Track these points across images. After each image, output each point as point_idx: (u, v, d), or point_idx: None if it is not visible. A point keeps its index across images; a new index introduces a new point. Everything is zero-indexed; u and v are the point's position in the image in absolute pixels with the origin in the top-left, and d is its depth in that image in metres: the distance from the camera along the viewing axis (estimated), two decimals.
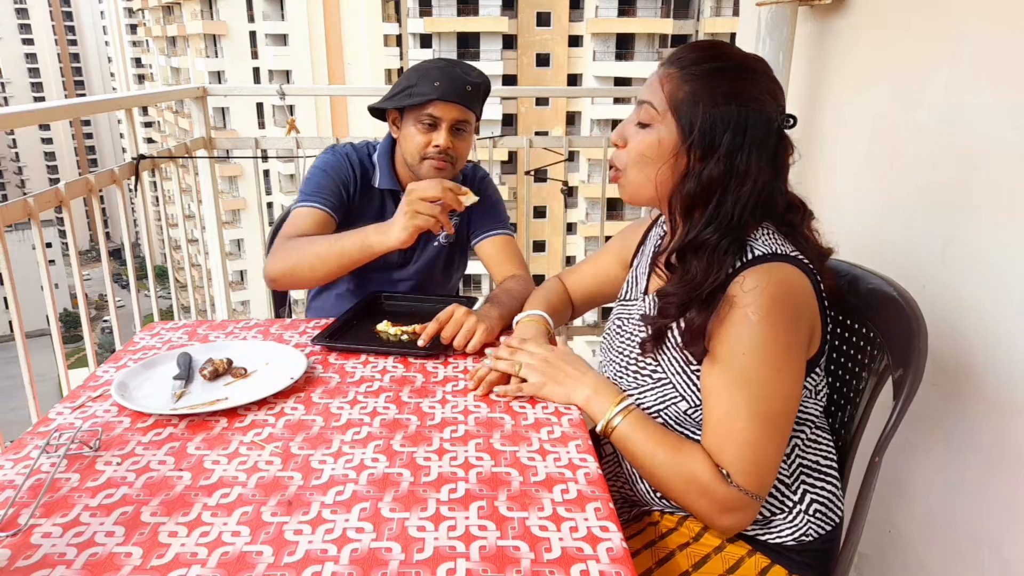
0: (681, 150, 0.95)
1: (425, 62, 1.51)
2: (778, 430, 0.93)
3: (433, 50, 27.32)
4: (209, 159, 2.55)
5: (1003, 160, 1.19)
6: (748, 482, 0.91)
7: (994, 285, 1.21)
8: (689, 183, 0.95)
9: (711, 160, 0.93)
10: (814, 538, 1.01)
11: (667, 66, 0.98)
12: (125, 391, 1.06)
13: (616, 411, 1.00)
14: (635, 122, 1.00)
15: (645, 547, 1.02)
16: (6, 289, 1.51)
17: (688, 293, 0.94)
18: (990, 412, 1.23)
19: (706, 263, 0.93)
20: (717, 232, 0.93)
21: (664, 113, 0.96)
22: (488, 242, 1.64)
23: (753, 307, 0.89)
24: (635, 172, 1.00)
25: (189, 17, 32.95)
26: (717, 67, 0.95)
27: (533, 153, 2.64)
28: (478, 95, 1.50)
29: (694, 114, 0.93)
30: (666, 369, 1.01)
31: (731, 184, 0.93)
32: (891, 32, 1.50)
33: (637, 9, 27.10)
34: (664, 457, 0.95)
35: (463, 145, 1.52)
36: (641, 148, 0.99)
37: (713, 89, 0.93)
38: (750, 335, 0.90)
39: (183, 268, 5.43)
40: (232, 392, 1.08)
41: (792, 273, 0.93)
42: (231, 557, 0.73)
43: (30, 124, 1.69)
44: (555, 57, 28.04)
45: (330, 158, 1.57)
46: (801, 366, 0.94)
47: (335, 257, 1.36)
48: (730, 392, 0.91)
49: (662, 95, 0.96)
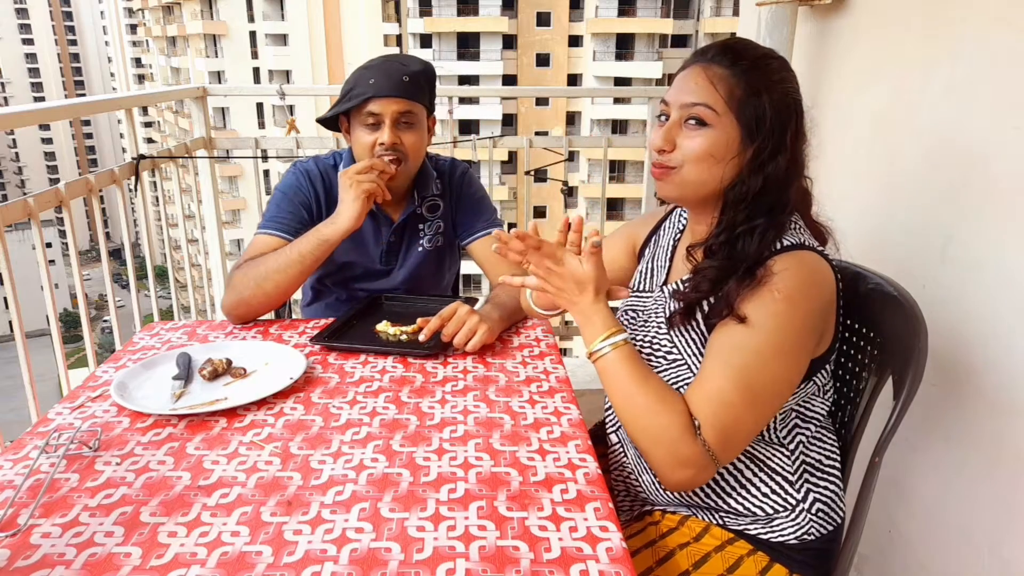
0: (746, 147, 0.94)
1: (364, 63, 1.47)
2: (761, 405, 0.92)
3: (433, 50, 27.35)
4: (209, 159, 2.55)
5: (1003, 160, 1.19)
6: (714, 439, 0.89)
7: (994, 285, 1.21)
8: (754, 179, 0.94)
9: (780, 153, 0.94)
10: (816, 537, 1.01)
11: (709, 65, 0.96)
12: (124, 391, 1.06)
13: (606, 340, 0.96)
14: (680, 124, 0.97)
15: (645, 546, 1.02)
16: (6, 289, 1.51)
17: (728, 268, 0.94)
18: (990, 412, 1.23)
19: (756, 242, 0.94)
20: (772, 219, 0.94)
21: (724, 112, 0.94)
22: (480, 243, 1.61)
23: (779, 286, 0.90)
24: (696, 171, 0.97)
25: (189, 17, 32.96)
26: (760, 60, 0.96)
27: (533, 153, 2.64)
28: (419, 84, 1.44)
29: (758, 108, 0.93)
30: (682, 349, 1.01)
31: (793, 175, 0.95)
32: (891, 32, 1.50)
33: (637, 9, 27.10)
34: (644, 399, 0.92)
35: (412, 138, 1.45)
36: (696, 149, 0.95)
37: (769, 81, 0.94)
38: (768, 311, 0.90)
39: (183, 268, 5.43)
40: (231, 392, 1.08)
41: (820, 264, 0.94)
42: (231, 557, 0.73)
43: (30, 124, 1.69)
44: (555, 57, 28.04)
45: (290, 179, 1.53)
46: (805, 356, 0.94)
47: (296, 262, 1.33)
48: (729, 355, 0.91)
49: (717, 94, 0.94)
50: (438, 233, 1.61)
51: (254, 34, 31.39)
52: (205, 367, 1.13)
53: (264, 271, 1.34)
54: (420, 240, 1.60)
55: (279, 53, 30.59)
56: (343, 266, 1.56)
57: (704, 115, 0.95)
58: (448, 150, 2.40)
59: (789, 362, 0.92)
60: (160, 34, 38.55)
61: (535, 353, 1.26)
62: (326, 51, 29.82)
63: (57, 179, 11.19)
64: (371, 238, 1.57)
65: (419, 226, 1.59)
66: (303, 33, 30.07)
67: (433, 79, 1.50)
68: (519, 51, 28.01)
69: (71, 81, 62.94)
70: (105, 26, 57.44)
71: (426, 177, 1.57)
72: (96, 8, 59.99)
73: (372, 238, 1.57)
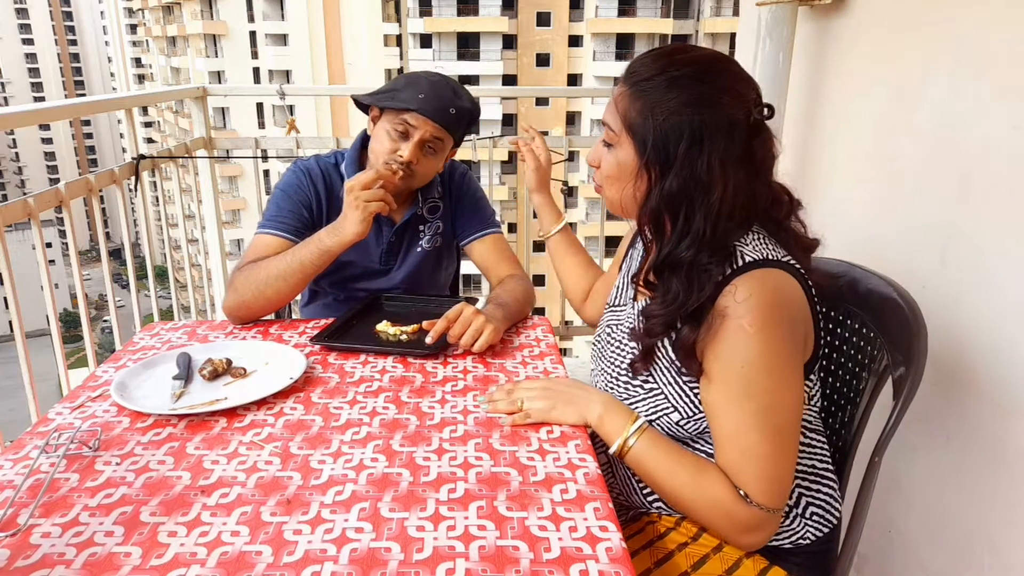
0: (641, 168, 0.94)
1: (424, 71, 1.48)
2: (789, 440, 0.91)
3: (433, 50, 27.34)
4: (209, 159, 2.55)
5: (1003, 160, 1.19)
6: (768, 500, 0.89)
7: (994, 285, 1.21)
8: (652, 200, 0.93)
9: (669, 173, 0.91)
10: (812, 541, 1.01)
11: (622, 84, 0.96)
12: (124, 391, 1.06)
13: (632, 431, 0.96)
14: (602, 141, 1.00)
15: (644, 547, 1.02)
16: (6, 289, 1.51)
17: (673, 312, 0.92)
18: (990, 412, 1.23)
19: (686, 280, 0.91)
20: (693, 247, 0.91)
21: (620, 133, 0.95)
22: (478, 244, 1.61)
23: (748, 318, 0.87)
24: (610, 190, 1.00)
25: (189, 17, 32.96)
26: (669, 77, 0.91)
27: None
28: (461, 120, 1.45)
29: (645, 130, 0.92)
30: (658, 380, 1.00)
31: (696, 196, 0.90)
32: (891, 32, 1.50)
33: (637, 9, 27.09)
34: (684, 479, 0.93)
35: (429, 164, 1.46)
36: (607, 169, 0.99)
37: (663, 102, 0.90)
38: (748, 347, 0.87)
39: (183, 268, 5.43)
40: (231, 392, 1.08)
41: (783, 279, 0.91)
42: (230, 557, 0.73)
43: (30, 124, 1.69)
44: (555, 57, 28.04)
45: (290, 178, 1.53)
46: (800, 372, 0.93)
47: (296, 270, 1.33)
48: (737, 407, 0.89)
49: (617, 115, 0.95)
50: (437, 234, 1.61)
51: (254, 34, 31.39)
52: (205, 367, 1.13)
53: (265, 277, 1.34)
54: (420, 241, 1.60)
55: (279, 53, 30.59)
56: (342, 266, 1.56)
57: (608, 136, 0.97)
58: None
59: (791, 386, 0.91)
60: (160, 34, 38.55)
61: (535, 353, 1.26)
62: (326, 51, 29.81)
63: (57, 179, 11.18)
64: (372, 238, 1.57)
65: (420, 227, 1.59)
66: (303, 33, 30.06)
67: (476, 120, 1.51)
68: (519, 51, 28.01)
69: (71, 81, 62.93)
70: (105, 26, 57.42)
71: (431, 181, 1.58)
72: (96, 8, 59.98)
73: (373, 238, 1.57)
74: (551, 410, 1.01)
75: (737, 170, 0.90)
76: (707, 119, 0.89)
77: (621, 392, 1.05)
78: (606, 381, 1.09)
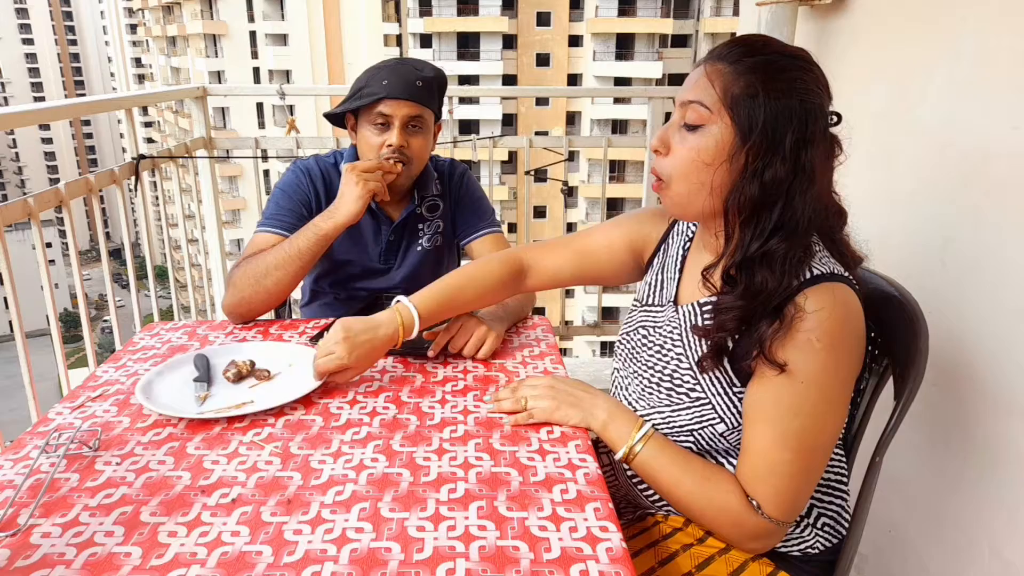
0: (739, 151, 0.87)
1: (377, 63, 1.48)
2: (820, 462, 0.90)
3: (433, 50, 27.33)
4: (209, 159, 2.55)
5: (1003, 160, 1.19)
6: (780, 514, 0.89)
7: (994, 285, 1.21)
8: (751, 186, 0.86)
9: (776, 159, 0.85)
10: (820, 550, 1.01)
11: (714, 62, 0.89)
12: (150, 394, 1.04)
13: (638, 437, 0.95)
14: (679, 124, 0.91)
15: (648, 547, 1.01)
16: (6, 289, 1.51)
17: (756, 306, 0.87)
18: (990, 412, 1.23)
19: (778, 272, 0.86)
20: (787, 239, 0.86)
21: (719, 111, 0.87)
22: (478, 244, 1.61)
23: (818, 332, 0.83)
24: (684, 182, 0.91)
25: (189, 17, 32.95)
26: (770, 59, 0.87)
27: (533, 153, 2.64)
28: (431, 90, 1.45)
29: (754, 109, 0.85)
30: (706, 389, 0.95)
31: (798, 185, 0.86)
32: (891, 32, 1.50)
33: (637, 9, 27.09)
34: (692, 486, 0.92)
35: (419, 143, 1.46)
36: (693, 153, 0.89)
37: (772, 81, 0.85)
38: (813, 363, 0.84)
39: (183, 268, 5.43)
40: (257, 395, 1.07)
41: (850, 295, 0.87)
42: (231, 557, 0.73)
43: (30, 124, 1.69)
44: (555, 57, 28.03)
45: (290, 177, 1.54)
46: (850, 395, 0.91)
47: (295, 258, 1.33)
48: (783, 420, 0.87)
49: (714, 92, 0.87)
50: (437, 233, 1.61)
51: (254, 34, 31.39)
52: (229, 369, 1.11)
53: (264, 268, 1.34)
54: (419, 240, 1.60)
55: (279, 53, 30.58)
56: (342, 264, 1.56)
57: (698, 113, 0.89)
58: (448, 150, 2.40)
59: (840, 410, 0.89)
60: (160, 34, 38.53)
61: (535, 353, 1.26)
62: (326, 51, 29.81)
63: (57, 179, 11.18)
64: (370, 237, 1.57)
65: (419, 226, 1.60)
66: (303, 33, 30.05)
67: (444, 86, 1.51)
68: (519, 51, 28.00)
69: (71, 81, 62.92)
70: (105, 26, 57.41)
71: (427, 178, 1.57)
72: (96, 8, 59.97)
73: (371, 237, 1.57)
74: (555, 411, 1.00)
75: (825, 168, 0.89)
76: (812, 107, 0.87)
77: (662, 398, 1.00)
78: (642, 385, 1.04)
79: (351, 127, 1.51)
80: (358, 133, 1.48)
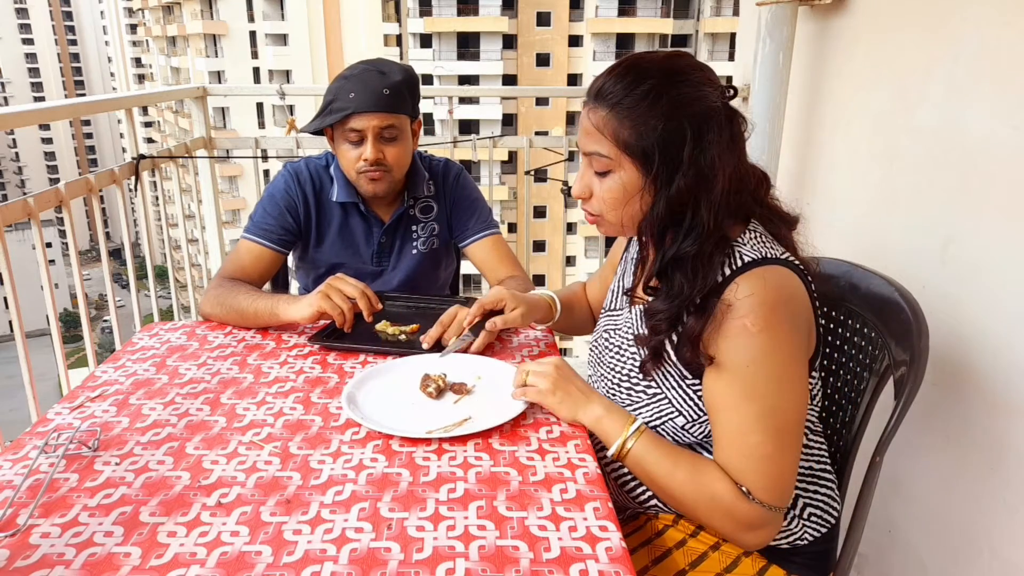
0: (647, 181, 0.92)
1: (345, 71, 1.45)
2: (792, 440, 0.91)
3: (433, 50, 27.35)
4: (209, 159, 2.55)
5: (1003, 160, 1.19)
6: (771, 497, 0.89)
7: (994, 285, 1.21)
8: (658, 208, 0.92)
9: (678, 175, 0.90)
10: (810, 541, 1.01)
11: (595, 107, 0.93)
12: (355, 406, 1.02)
13: (630, 432, 0.96)
14: (591, 172, 0.96)
15: (642, 545, 1.02)
16: (6, 289, 1.51)
17: (678, 306, 0.92)
18: (990, 412, 1.23)
19: (691, 272, 0.91)
20: (697, 241, 0.91)
21: (617, 157, 0.92)
22: (477, 246, 1.60)
23: (751, 317, 0.86)
24: (613, 215, 0.97)
25: (189, 17, 32.98)
26: (645, 89, 0.90)
27: (533, 153, 2.65)
28: (400, 96, 1.42)
29: (647, 144, 0.90)
30: (661, 384, 0.99)
31: (702, 191, 0.90)
32: (891, 32, 1.50)
33: (637, 9, 27.11)
34: (683, 478, 0.93)
35: (395, 151, 1.45)
36: (607, 196, 0.95)
37: (653, 110, 0.89)
38: (752, 346, 0.87)
39: (183, 268, 5.43)
40: (470, 410, 1.02)
41: (784, 275, 0.90)
42: (230, 557, 0.73)
43: (30, 124, 1.69)
44: (555, 57, 28.04)
45: (278, 182, 1.53)
46: (805, 370, 0.93)
47: (251, 316, 1.33)
48: (740, 407, 0.89)
49: (607, 141, 0.92)
50: (433, 235, 1.61)
51: (254, 34, 31.41)
52: (429, 384, 1.07)
53: (230, 307, 1.35)
54: (414, 242, 1.59)
55: (279, 53, 30.61)
56: (334, 268, 1.56)
57: (601, 164, 0.94)
58: (448, 150, 2.40)
59: (795, 386, 0.90)
60: (160, 34, 38.55)
61: (535, 353, 1.26)
62: (326, 51, 29.83)
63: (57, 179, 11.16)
64: (361, 239, 1.57)
65: (412, 227, 1.59)
66: (303, 33, 30.09)
67: (415, 86, 1.49)
68: (519, 51, 28.01)
69: (71, 81, 62.92)
70: (105, 26, 57.42)
71: (417, 178, 1.57)
72: (96, 8, 59.96)
73: (363, 239, 1.57)
74: (549, 395, 1.01)
75: (731, 156, 0.91)
76: (699, 114, 0.89)
77: (624, 398, 1.04)
78: (607, 387, 1.08)
79: (329, 138, 1.50)
80: (335, 147, 1.48)
